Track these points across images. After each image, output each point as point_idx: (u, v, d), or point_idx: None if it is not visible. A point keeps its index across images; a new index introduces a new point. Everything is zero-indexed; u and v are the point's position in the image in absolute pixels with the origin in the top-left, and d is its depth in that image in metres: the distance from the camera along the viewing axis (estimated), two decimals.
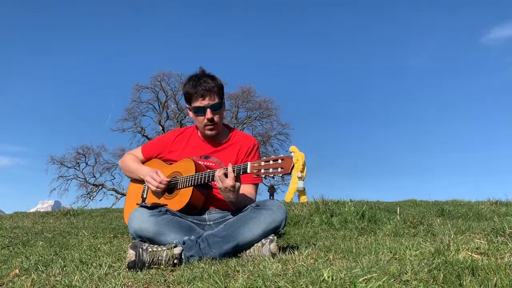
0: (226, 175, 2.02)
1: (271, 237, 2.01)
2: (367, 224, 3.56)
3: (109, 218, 5.96)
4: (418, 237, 2.79)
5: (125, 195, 2.57)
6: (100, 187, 25.37)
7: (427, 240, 2.48)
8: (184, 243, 1.92)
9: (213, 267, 1.66)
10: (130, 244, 1.85)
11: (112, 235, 3.72)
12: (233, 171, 2.01)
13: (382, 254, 2.00)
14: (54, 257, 2.30)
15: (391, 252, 2.04)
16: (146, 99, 25.77)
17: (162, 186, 2.25)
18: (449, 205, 5.87)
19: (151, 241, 1.96)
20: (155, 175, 2.26)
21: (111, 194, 25.40)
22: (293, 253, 2.00)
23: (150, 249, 1.82)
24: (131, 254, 1.78)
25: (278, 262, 1.79)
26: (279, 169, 1.92)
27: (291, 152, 11.29)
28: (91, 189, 25.20)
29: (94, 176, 25.38)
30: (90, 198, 24.77)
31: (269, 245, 1.98)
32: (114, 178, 25.61)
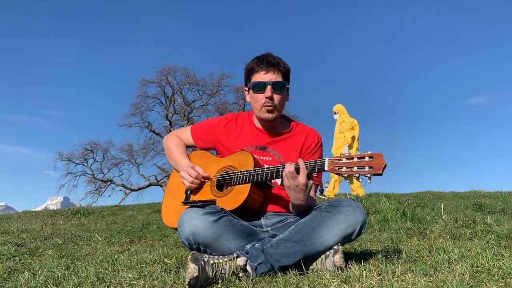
0: (297, 171, 1.69)
1: (335, 247, 1.67)
2: (412, 224, 3.18)
3: (122, 218, 5.69)
4: (481, 240, 2.43)
5: (133, 190, 2.19)
6: (109, 183, 25.13)
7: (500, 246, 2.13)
8: (247, 253, 1.62)
9: None
10: (190, 256, 1.54)
11: (128, 239, 3.44)
12: (307, 167, 1.69)
13: (458, 265, 1.65)
14: (66, 272, 1.98)
15: (466, 262, 1.68)
16: (152, 93, 25.35)
17: (197, 181, 1.96)
18: (484, 198, 5.47)
19: (207, 246, 1.66)
20: (191, 170, 1.96)
21: (120, 190, 25.10)
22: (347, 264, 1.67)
23: (211, 261, 1.53)
24: (193, 269, 1.48)
25: (339, 280, 1.45)
26: (367, 168, 1.56)
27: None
28: (99, 185, 24.95)
29: (102, 172, 25.11)
30: (98, 194, 24.56)
31: (333, 257, 1.63)
32: (123, 173, 25.29)
